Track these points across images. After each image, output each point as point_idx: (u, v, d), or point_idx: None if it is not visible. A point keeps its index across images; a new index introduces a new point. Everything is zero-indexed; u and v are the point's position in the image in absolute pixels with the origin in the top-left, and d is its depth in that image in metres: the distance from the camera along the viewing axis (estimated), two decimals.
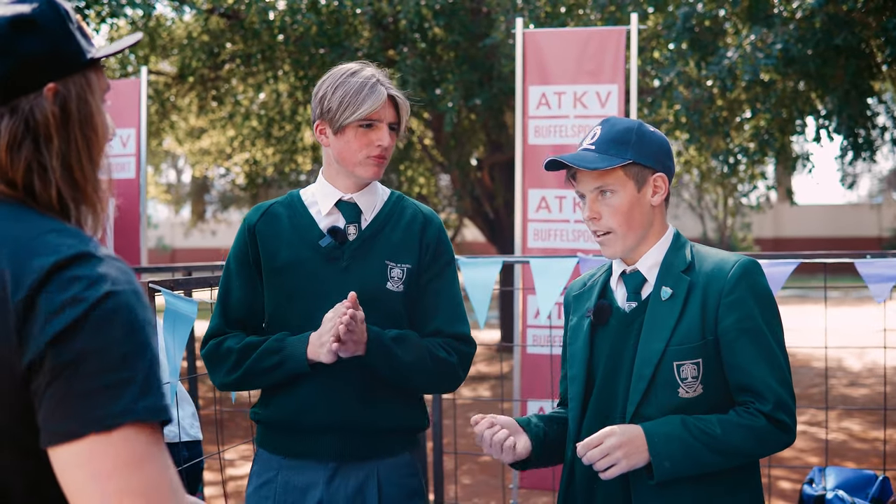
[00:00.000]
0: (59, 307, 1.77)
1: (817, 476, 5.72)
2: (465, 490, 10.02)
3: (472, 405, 14.85)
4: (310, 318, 3.78)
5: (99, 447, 1.75)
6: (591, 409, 3.52)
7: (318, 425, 3.82)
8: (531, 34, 8.18)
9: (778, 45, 11.12)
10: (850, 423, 13.31)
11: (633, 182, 3.45)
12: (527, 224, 8.06)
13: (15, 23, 1.95)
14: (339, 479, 3.83)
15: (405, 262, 3.86)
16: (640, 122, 3.54)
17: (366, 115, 3.80)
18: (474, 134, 19.89)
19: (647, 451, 3.29)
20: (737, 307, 3.36)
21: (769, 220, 50.66)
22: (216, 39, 16.74)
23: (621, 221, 3.45)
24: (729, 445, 3.30)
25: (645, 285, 3.53)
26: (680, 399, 3.37)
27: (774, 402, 3.31)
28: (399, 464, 3.89)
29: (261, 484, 3.92)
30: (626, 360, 3.47)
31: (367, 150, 3.82)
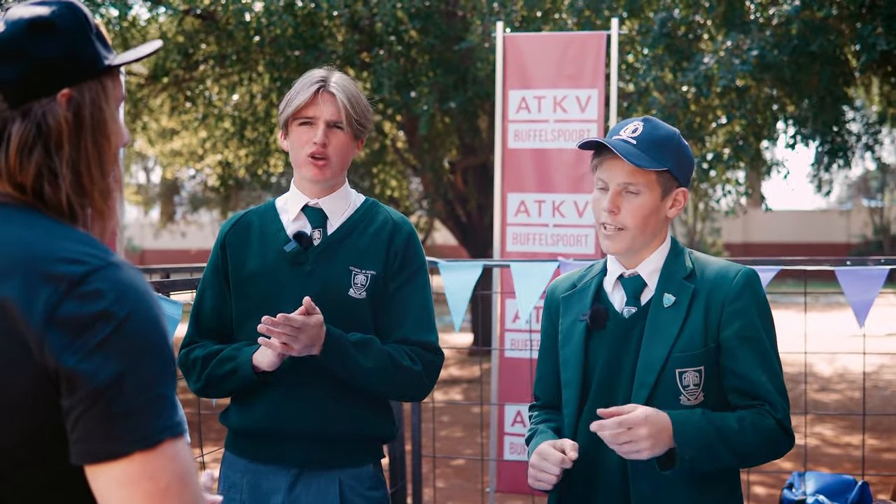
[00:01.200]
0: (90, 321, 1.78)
1: (797, 481, 5.73)
2: (440, 493, 10.02)
3: (446, 409, 14.84)
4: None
5: (147, 466, 1.78)
6: (587, 415, 3.51)
7: (281, 433, 3.83)
8: (511, 38, 8.19)
9: (754, 52, 11.16)
10: (823, 429, 13.37)
11: (661, 190, 3.45)
12: (506, 228, 8.06)
13: (33, 25, 1.94)
14: (300, 486, 3.85)
15: (370, 269, 3.85)
16: (678, 131, 3.54)
17: (295, 109, 3.83)
18: (448, 137, 19.90)
19: (670, 440, 3.28)
20: (740, 316, 3.39)
21: (738, 225, 50.80)
22: (191, 40, 16.68)
23: (637, 224, 3.44)
24: (742, 444, 3.33)
25: (645, 290, 3.53)
26: (681, 406, 3.39)
27: (783, 412, 3.37)
28: (362, 475, 3.89)
29: (228, 487, 3.94)
30: (625, 366, 3.48)
31: (306, 149, 3.82)
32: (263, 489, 3.86)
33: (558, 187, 7.86)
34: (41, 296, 1.78)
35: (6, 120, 1.93)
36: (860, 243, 48.04)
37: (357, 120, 3.85)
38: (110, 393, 1.76)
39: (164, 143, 23.81)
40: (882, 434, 12.66)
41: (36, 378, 1.78)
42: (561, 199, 7.87)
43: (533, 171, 7.96)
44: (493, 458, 7.94)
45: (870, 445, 11.91)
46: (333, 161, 3.84)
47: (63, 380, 1.77)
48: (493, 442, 7.98)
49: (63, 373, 1.76)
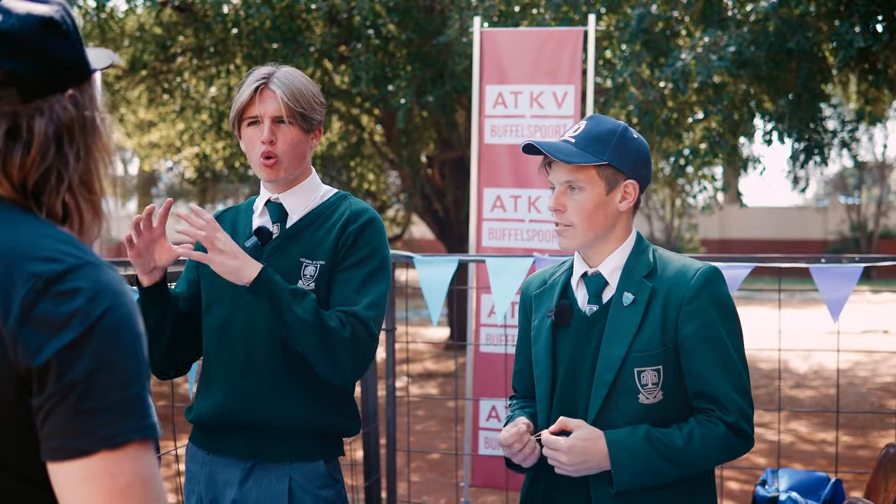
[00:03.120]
0: (64, 319, 1.78)
1: (770, 477, 5.76)
2: (415, 487, 10.02)
3: (422, 403, 14.85)
4: (229, 319, 3.83)
5: (110, 464, 1.77)
6: (555, 412, 3.55)
7: (231, 424, 3.83)
8: (489, 33, 8.19)
9: (731, 48, 11.18)
10: (798, 425, 13.41)
11: (604, 183, 3.47)
12: (481, 223, 8.07)
13: (45, 23, 1.97)
14: (251, 481, 3.83)
15: (319, 260, 3.81)
16: (625, 125, 3.55)
17: (239, 109, 3.82)
18: (425, 131, 19.90)
19: (607, 460, 3.35)
20: (698, 315, 3.40)
21: (715, 221, 50.93)
22: (168, 32, 16.64)
23: (583, 219, 3.46)
24: (690, 457, 3.36)
25: (606, 288, 3.55)
26: (640, 405, 3.42)
27: (736, 412, 3.37)
28: (313, 472, 3.85)
29: (189, 478, 3.97)
30: (586, 364, 3.51)
31: (257, 149, 3.80)
32: (219, 482, 3.87)
33: (535, 183, 7.86)
34: (18, 294, 1.78)
35: (19, 115, 1.94)
36: (837, 240, 48.23)
37: (302, 113, 3.80)
38: (80, 389, 1.76)
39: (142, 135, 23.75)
40: (856, 431, 12.71)
41: (10, 377, 1.78)
42: (537, 194, 7.88)
43: (509, 166, 7.96)
44: (468, 452, 7.95)
45: (844, 442, 11.96)
46: (284, 158, 3.80)
47: (35, 378, 1.77)
48: (467, 436, 7.98)
49: (35, 371, 1.76)
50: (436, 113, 16.99)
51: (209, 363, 3.90)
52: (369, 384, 6.68)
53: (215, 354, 3.86)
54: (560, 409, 3.53)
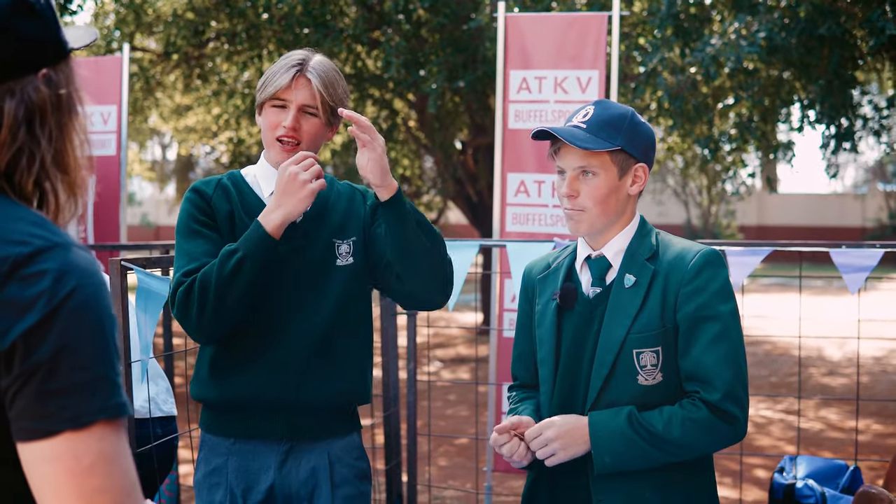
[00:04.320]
0: (30, 302, 1.77)
1: (788, 465, 5.75)
2: (441, 472, 10.04)
3: (453, 388, 14.87)
4: (267, 298, 3.78)
5: (73, 444, 1.77)
6: (557, 394, 3.57)
7: (270, 404, 3.81)
8: (513, 18, 8.18)
9: (762, 34, 11.12)
10: (828, 413, 13.36)
11: (617, 168, 3.49)
12: (505, 208, 8.07)
13: (15, 3, 1.96)
14: (290, 462, 3.84)
15: (351, 237, 3.88)
16: (632, 110, 3.57)
17: (272, 93, 3.80)
18: (458, 116, 19.88)
19: (587, 440, 3.38)
20: (695, 296, 3.41)
21: (753, 208, 50.72)
22: (201, 17, 16.68)
23: (596, 203, 3.47)
24: (671, 442, 3.36)
25: (609, 271, 3.57)
26: (639, 386, 3.44)
27: (724, 392, 3.36)
28: (349, 445, 3.92)
29: (210, 471, 3.90)
30: (588, 345, 3.53)
31: (275, 132, 3.81)
32: (252, 469, 3.84)
33: None
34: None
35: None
36: (875, 227, 47.89)
37: (332, 106, 3.82)
38: (45, 370, 1.76)
39: (178, 119, 23.86)
40: (888, 419, 12.65)
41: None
42: None
43: (533, 151, 7.96)
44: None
45: (874, 430, 11.92)
46: (304, 146, 3.82)
47: (2, 360, 1.77)
48: (490, 421, 7.99)
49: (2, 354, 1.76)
50: (468, 98, 16.98)
51: (240, 343, 3.82)
52: (391, 368, 6.70)
53: (248, 334, 3.81)
54: (562, 391, 3.55)
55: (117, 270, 4.40)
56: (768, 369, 16.32)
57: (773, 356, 17.85)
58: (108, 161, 10.33)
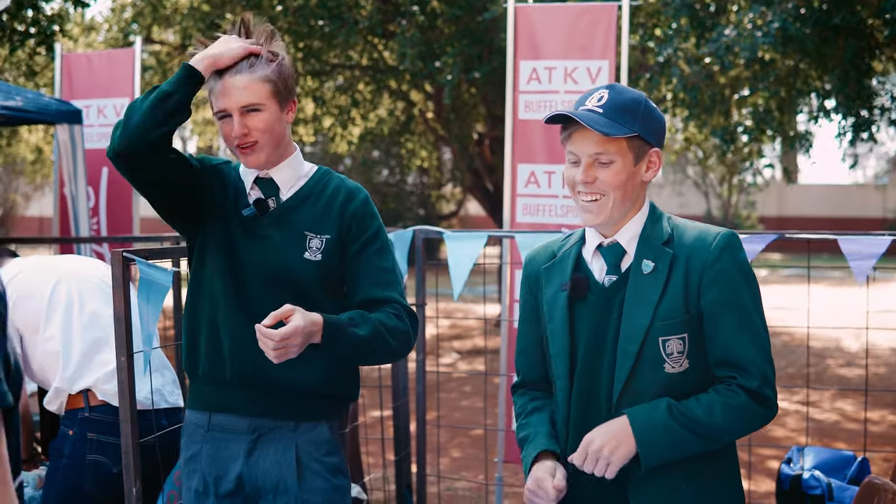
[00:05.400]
0: None
1: (796, 456, 5.74)
2: (454, 463, 10.07)
3: (469, 379, 14.88)
4: (226, 282, 3.87)
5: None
6: (577, 387, 3.49)
7: (239, 379, 3.86)
8: (523, 9, 8.18)
9: (776, 24, 11.07)
10: (844, 404, 13.33)
11: (633, 155, 3.41)
12: (515, 199, 8.06)
13: None
14: (258, 452, 3.89)
15: (325, 234, 3.89)
16: (644, 94, 3.50)
17: (217, 105, 3.83)
18: (475, 108, 19.88)
19: (632, 438, 3.31)
20: (720, 280, 3.36)
21: (773, 198, 50.56)
22: (217, 10, 16.72)
23: (615, 190, 3.39)
24: (713, 428, 3.32)
25: (624, 258, 3.48)
26: (666, 375, 3.37)
27: (760, 378, 3.33)
28: (320, 439, 3.93)
29: (189, 457, 4.00)
30: (609, 336, 3.44)
31: (232, 142, 3.82)
32: (222, 458, 3.91)
33: None
34: None
35: None
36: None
37: (278, 78, 3.83)
38: None
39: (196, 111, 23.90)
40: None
41: None
42: None
43: (543, 142, 7.95)
44: (502, 428, 7.95)
45: (889, 421, 11.90)
46: (261, 142, 3.83)
47: None
48: (501, 412, 7.98)
49: None
50: (483, 89, 16.97)
51: (216, 318, 3.90)
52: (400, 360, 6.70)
53: (223, 310, 3.88)
54: (582, 386, 3.47)
55: (119, 261, 4.41)
56: (785, 360, 16.28)
57: (790, 347, 17.82)
58: None
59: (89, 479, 4.77)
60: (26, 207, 45.96)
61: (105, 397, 4.87)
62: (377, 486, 8.04)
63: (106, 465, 4.77)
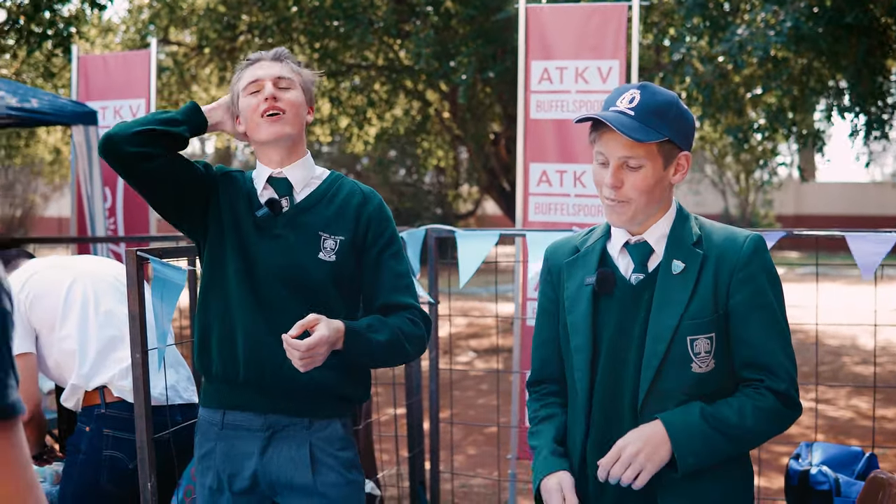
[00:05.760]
0: None
1: (804, 451, 5.77)
2: (470, 460, 10.12)
3: (486, 377, 14.93)
4: (240, 282, 3.91)
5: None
6: (600, 385, 3.51)
7: (254, 379, 3.90)
8: (534, 9, 8.22)
9: (788, 23, 11.10)
10: (859, 402, 13.34)
11: (662, 159, 3.39)
12: (528, 198, 8.11)
13: None
14: (272, 450, 3.94)
15: (339, 235, 3.94)
16: (676, 96, 3.47)
17: (245, 82, 3.93)
18: (490, 107, 19.92)
19: (667, 444, 3.32)
20: (749, 282, 3.38)
21: (791, 197, 50.41)
22: (233, 11, 16.79)
23: (642, 194, 3.39)
24: (745, 431, 3.35)
25: (652, 257, 3.49)
26: (693, 374, 3.39)
27: (788, 380, 3.37)
28: (333, 435, 3.98)
29: (202, 454, 4.05)
30: (635, 334, 3.45)
31: (256, 110, 3.89)
32: (237, 455, 3.96)
33: (580, 158, 7.89)
34: None
35: None
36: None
37: (302, 75, 3.99)
38: None
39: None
40: None
41: None
42: (582, 169, 7.90)
43: (555, 141, 7.99)
44: (515, 425, 8.00)
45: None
46: (288, 114, 3.91)
47: None
48: (514, 410, 8.03)
49: None
50: (498, 89, 17.01)
51: (230, 317, 3.95)
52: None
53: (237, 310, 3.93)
54: (605, 383, 3.48)
55: (133, 260, 4.47)
56: (801, 358, 16.19)
57: (805, 345, 17.82)
58: None
59: (105, 475, 4.82)
60: (45, 208, 46.09)
61: (120, 394, 4.92)
62: (391, 483, 8.10)
63: (122, 460, 4.82)
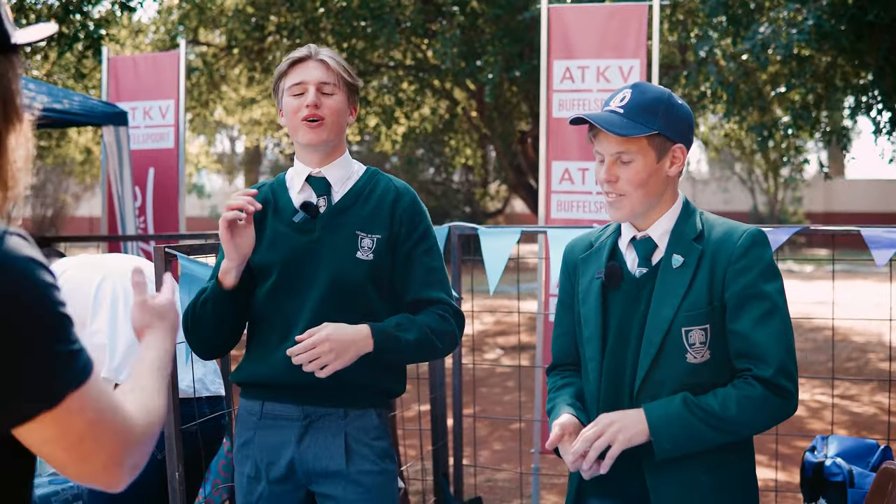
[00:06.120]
0: None
1: (819, 444, 5.83)
2: (495, 455, 10.22)
3: (510, 374, 15.01)
4: (286, 287, 3.97)
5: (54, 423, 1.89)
6: (606, 372, 3.63)
7: (290, 387, 3.97)
8: (556, 9, 8.31)
9: (810, 21, 11.15)
10: (883, 398, 13.36)
11: (655, 152, 3.51)
12: (550, 195, 8.20)
13: None
14: (308, 439, 3.98)
15: (375, 233, 3.97)
16: (669, 91, 3.60)
17: (289, 84, 3.96)
18: (517, 106, 19.97)
19: (644, 424, 3.42)
20: (743, 275, 3.46)
21: (820, 194, 50.16)
22: (261, 11, 16.90)
23: (636, 188, 3.51)
24: (729, 421, 3.41)
25: (655, 251, 3.61)
26: (688, 364, 3.49)
27: (776, 367, 3.41)
28: (368, 425, 4.02)
29: (241, 444, 4.10)
30: (635, 325, 3.58)
31: (298, 114, 3.94)
32: (274, 444, 4.01)
33: None
34: None
35: None
36: None
37: (348, 79, 4.00)
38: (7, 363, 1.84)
39: (243, 112, 24.06)
40: None
41: None
42: None
43: (577, 139, 8.07)
44: (538, 419, 8.08)
45: None
46: (328, 121, 3.95)
47: None
48: (537, 404, 8.11)
49: None
50: (525, 87, 17.08)
51: (264, 325, 4.04)
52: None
53: (270, 317, 4.01)
54: (610, 369, 3.61)
55: (161, 257, 4.59)
56: (826, 354, 16.30)
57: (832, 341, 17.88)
58: (166, 154, 10.61)
59: None
60: (76, 208, 46.29)
61: None
62: (416, 477, 8.20)
63: None
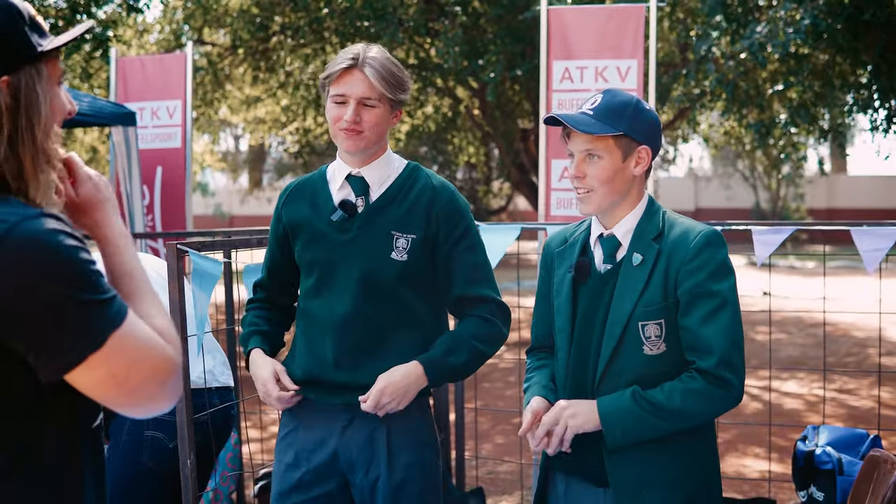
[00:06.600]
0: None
1: (811, 433, 5.96)
2: (498, 448, 10.33)
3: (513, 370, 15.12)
4: (325, 285, 4.09)
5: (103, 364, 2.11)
6: (572, 362, 3.87)
7: (330, 384, 4.10)
8: (555, 11, 8.45)
9: (806, 20, 11.26)
10: (882, 392, 13.46)
11: (621, 152, 3.76)
12: (549, 193, 8.34)
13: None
14: (351, 430, 4.09)
15: (411, 233, 4.04)
16: (637, 98, 3.83)
17: (331, 92, 4.02)
18: (519, 104, 20.06)
19: (595, 413, 3.68)
20: (695, 274, 3.68)
21: (823, 190, 50.14)
22: (265, 12, 17.00)
23: (602, 184, 3.75)
24: (673, 412, 3.64)
25: (619, 249, 3.84)
26: (645, 356, 3.74)
27: (718, 359, 3.62)
28: (409, 416, 4.09)
29: (286, 433, 4.22)
30: (598, 318, 3.82)
31: (338, 124, 4.02)
32: (317, 435, 4.14)
33: None
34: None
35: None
36: None
37: (390, 96, 4.02)
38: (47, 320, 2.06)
39: (248, 110, 24.12)
40: None
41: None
42: None
43: None
44: None
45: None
46: (367, 134, 4.02)
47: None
48: None
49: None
50: (526, 86, 17.17)
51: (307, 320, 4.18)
52: None
53: (312, 313, 4.15)
54: (576, 360, 3.86)
55: (173, 253, 4.73)
56: (828, 349, 16.42)
57: (832, 337, 17.95)
58: (174, 153, 10.75)
59: (147, 453, 4.99)
60: None
61: None
62: None
63: (162, 440, 5.02)
